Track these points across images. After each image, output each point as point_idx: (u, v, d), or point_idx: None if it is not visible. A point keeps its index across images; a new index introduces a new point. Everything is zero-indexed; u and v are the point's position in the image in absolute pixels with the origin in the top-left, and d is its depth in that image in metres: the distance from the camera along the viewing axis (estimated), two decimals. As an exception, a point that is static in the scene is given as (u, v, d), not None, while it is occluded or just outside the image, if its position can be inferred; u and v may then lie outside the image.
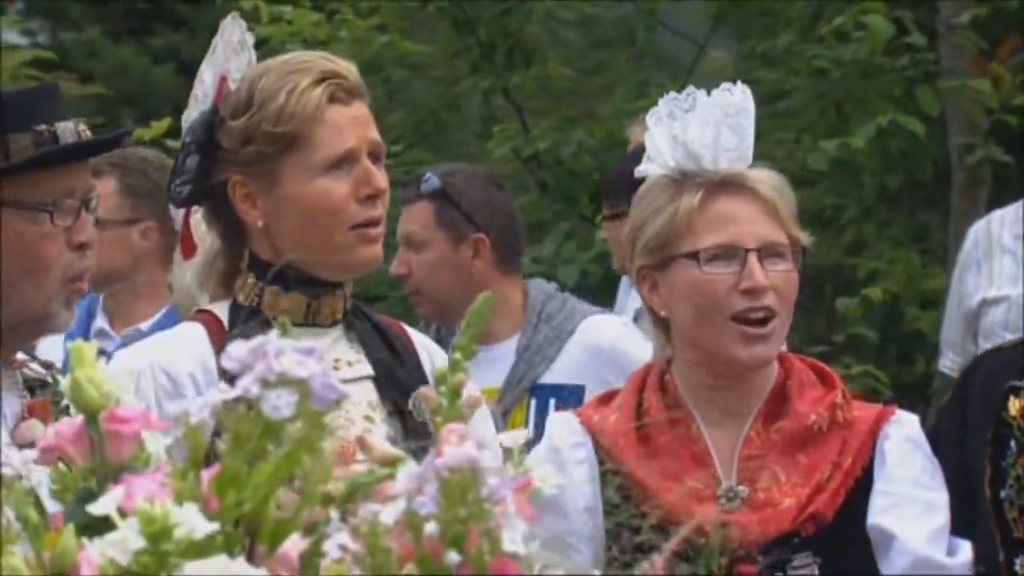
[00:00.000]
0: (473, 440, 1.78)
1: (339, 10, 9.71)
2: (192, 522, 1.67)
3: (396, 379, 3.92)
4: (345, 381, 3.79)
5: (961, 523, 3.98)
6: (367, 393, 3.90)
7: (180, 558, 1.69)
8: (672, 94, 4.00)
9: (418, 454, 3.79)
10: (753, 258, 3.86)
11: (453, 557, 1.70)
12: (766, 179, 3.92)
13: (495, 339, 5.83)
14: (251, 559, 1.82)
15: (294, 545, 1.79)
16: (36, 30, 22.64)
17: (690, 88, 4.00)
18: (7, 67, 11.30)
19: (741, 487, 3.91)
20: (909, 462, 3.97)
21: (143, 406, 3.63)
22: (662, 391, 4.00)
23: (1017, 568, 3.95)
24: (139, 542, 1.63)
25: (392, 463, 1.85)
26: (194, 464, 1.75)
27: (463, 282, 5.79)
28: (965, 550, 3.95)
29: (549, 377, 5.73)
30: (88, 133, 3.62)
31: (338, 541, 1.72)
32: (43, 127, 3.53)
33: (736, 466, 3.93)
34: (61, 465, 1.89)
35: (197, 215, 4.11)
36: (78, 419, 1.84)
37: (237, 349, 1.76)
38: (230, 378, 3.68)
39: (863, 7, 9.23)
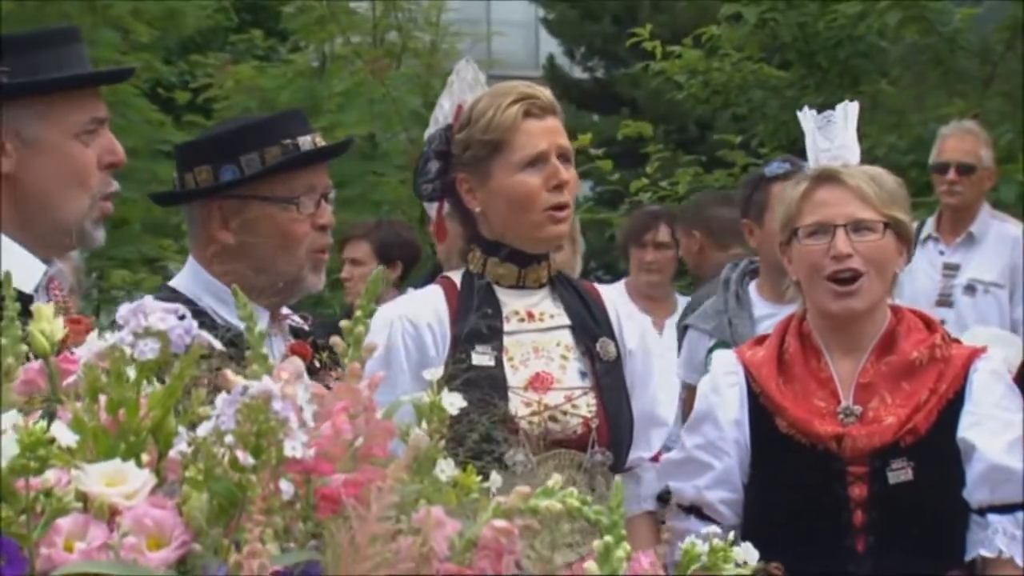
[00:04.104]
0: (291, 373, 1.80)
1: (720, 45, 9.66)
2: (61, 435, 1.75)
3: (587, 328, 3.89)
4: (548, 329, 3.89)
5: None
6: (565, 338, 3.88)
7: (63, 461, 1.77)
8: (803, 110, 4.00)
9: (605, 384, 3.83)
10: (840, 232, 3.81)
11: (248, 460, 1.74)
12: (856, 173, 3.87)
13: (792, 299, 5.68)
14: (160, 462, 1.89)
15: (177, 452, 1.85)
16: (594, 67, 23.02)
17: (805, 109, 3.99)
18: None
19: (856, 406, 3.83)
20: (992, 388, 3.86)
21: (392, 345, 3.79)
22: (800, 333, 3.95)
23: None
24: (14, 449, 1.70)
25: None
26: (91, 393, 1.82)
27: None
28: None
29: None
30: (322, 142, 3.71)
31: (179, 448, 1.77)
32: (288, 140, 3.62)
33: (853, 390, 3.85)
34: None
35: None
36: (39, 361, 1.92)
37: (123, 309, 1.81)
38: (456, 329, 3.78)
39: None
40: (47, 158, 3.04)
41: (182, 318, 1.83)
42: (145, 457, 1.86)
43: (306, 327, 3.74)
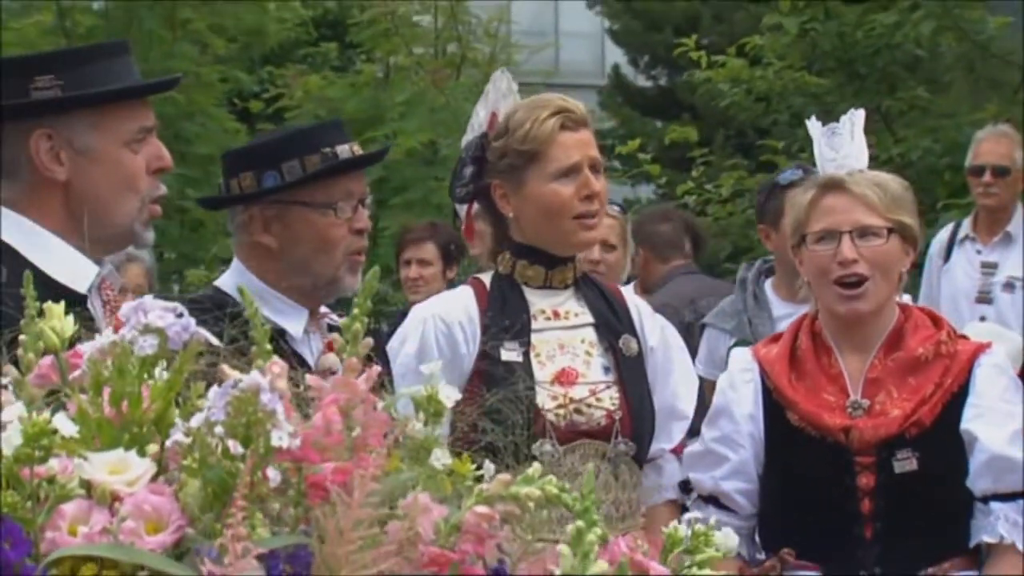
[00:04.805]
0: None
1: (763, 54, 9.63)
2: (63, 426, 1.79)
3: (610, 325, 3.90)
4: (573, 327, 3.91)
5: None
6: (589, 335, 3.90)
7: (68, 450, 1.81)
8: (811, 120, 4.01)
9: (628, 378, 3.84)
10: (846, 238, 3.81)
11: (238, 448, 1.77)
12: (861, 180, 3.85)
13: (806, 299, 5.67)
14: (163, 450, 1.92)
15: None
16: (657, 75, 22.95)
17: (812, 118, 3.99)
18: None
19: (864, 400, 3.84)
20: (995, 382, 3.86)
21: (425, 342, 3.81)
22: (811, 332, 3.96)
23: None
24: (18, 439, 1.75)
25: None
26: (95, 387, 1.86)
27: None
28: None
29: None
30: (360, 151, 3.74)
31: (175, 438, 1.81)
32: (328, 149, 3.64)
33: (861, 385, 3.86)
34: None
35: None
36: (50, 356, 1.96)
37: (125, 307, 1.85)
38: (486, 327, 3.80)
39: None
40: (100, 166, 3.08)
41: (180, 316, 1.86)
42: (154, 447, 1.90)
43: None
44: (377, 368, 2.14)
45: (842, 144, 3.90)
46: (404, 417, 2.18)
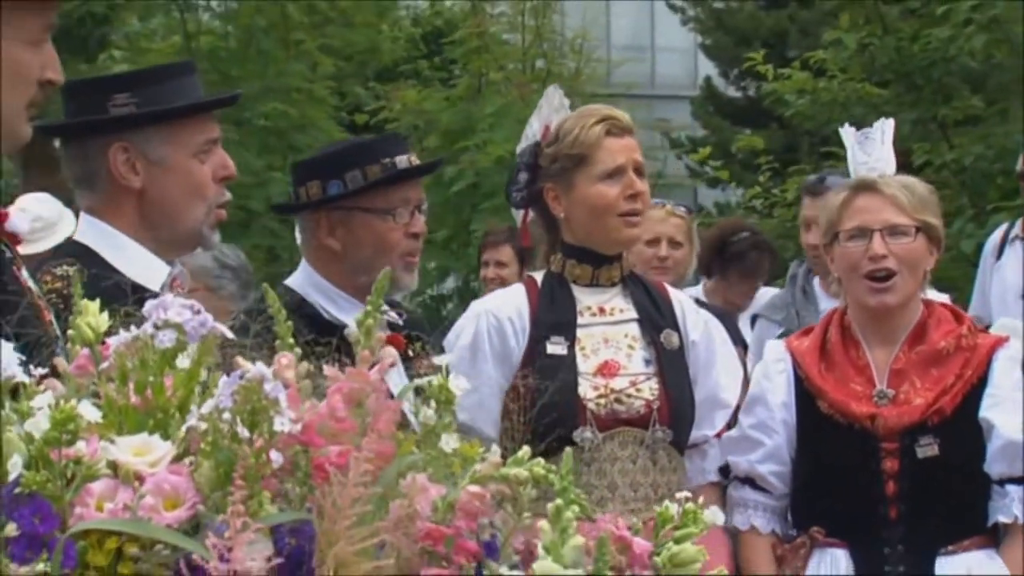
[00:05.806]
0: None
1: (828, 68, 9.54)
2: (88, 412, 1.83)
3: (653, 321, 3.90)
4: (617, 322, 3.91)
5: None
6: (632, 330, 3.89)
7: (100, 433, 1.86)
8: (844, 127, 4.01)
9: (668, 370, 3.84)
10: (877, 235, 3.79)
11: (244, 432, 1.81)
12: (892, 183, 3.84)
13: (837, 294, 5.65)
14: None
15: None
16: (747, 86, 22.75)
17: (846, 125, 3.98)
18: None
19: (889, 390, 3.82)
20: (1010, 372, 3.84)
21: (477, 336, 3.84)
22: (841, 326, 3.94)
23: None
24: (46, 424, 1.79)
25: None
26: (121, 376, 1.90)
27: None
28: None
29: None
30: (416, 162, 3.78)
31: (190, 423, 1.84)
32: (388, 160, 3.68)
33: (887, 376, 3.84)
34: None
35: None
36: (87, 349, 2.00)
37: (148, 304, 1.89)
38: (535, 322, 3.81)
39: None
40: (171, 175, 3.15)
41: (197, 312, 1.89)
42: (181, 433, 1.94)
43: (400, 322, 3.80)
44: (389, 360, 2.16)
45: (874, 148, 3.89)
46: (417, 403, 2.20)
